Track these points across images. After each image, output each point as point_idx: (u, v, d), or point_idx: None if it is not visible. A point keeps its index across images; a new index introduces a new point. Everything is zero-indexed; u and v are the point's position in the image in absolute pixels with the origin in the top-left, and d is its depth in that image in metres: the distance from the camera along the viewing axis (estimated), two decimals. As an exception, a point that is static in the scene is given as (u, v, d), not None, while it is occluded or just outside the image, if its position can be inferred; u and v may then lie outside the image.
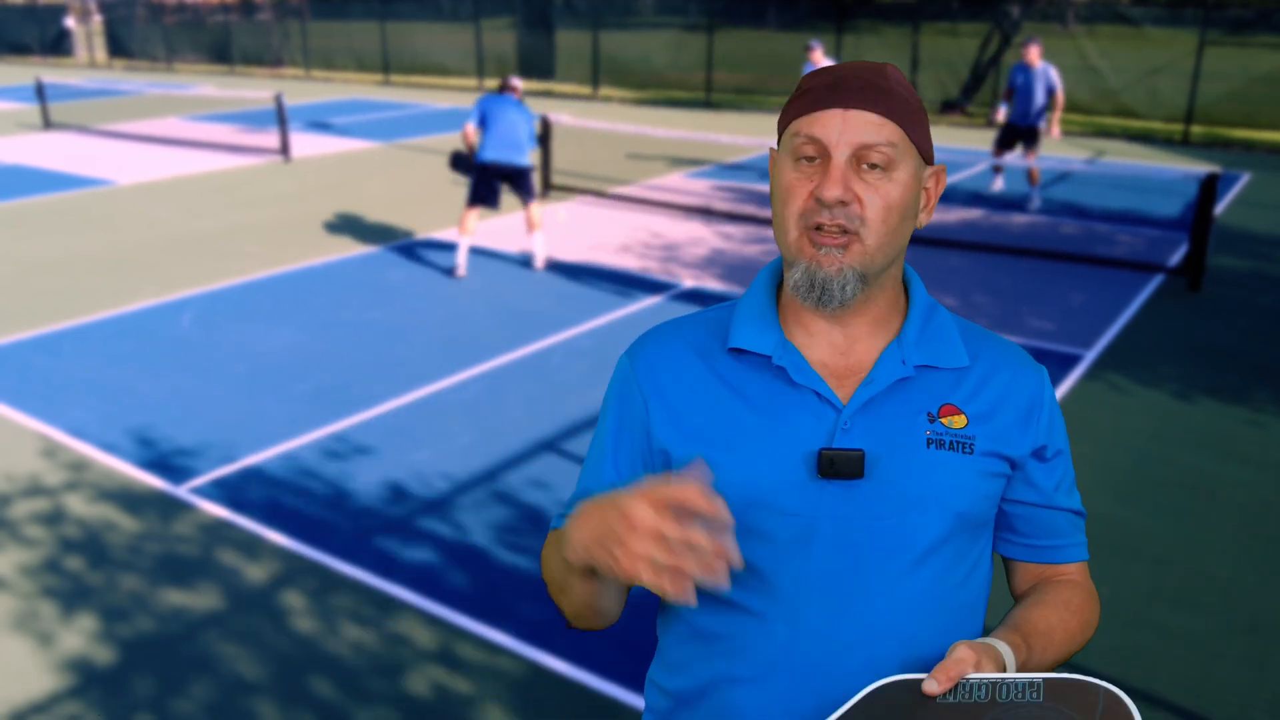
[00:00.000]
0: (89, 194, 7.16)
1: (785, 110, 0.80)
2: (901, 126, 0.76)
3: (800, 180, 0.76)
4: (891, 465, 0.77)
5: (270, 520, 2.70)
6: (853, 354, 0.80)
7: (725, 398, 0.79)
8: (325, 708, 2.00)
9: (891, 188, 0.75)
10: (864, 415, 0.78)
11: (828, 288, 0.76)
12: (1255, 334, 4.22)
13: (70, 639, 2.20)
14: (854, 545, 0.76)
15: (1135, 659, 2.14)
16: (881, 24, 12.67)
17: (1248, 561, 2.51)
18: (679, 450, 0.79)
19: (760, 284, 0.85)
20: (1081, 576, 0.88)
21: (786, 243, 0.78)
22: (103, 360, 3.88)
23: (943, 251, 5.47)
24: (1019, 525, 0.85)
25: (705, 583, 0.64)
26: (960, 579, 0.80)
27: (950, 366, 0.81)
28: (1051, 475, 0.84)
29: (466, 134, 5.03)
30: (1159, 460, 3.07)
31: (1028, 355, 0.86)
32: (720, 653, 0.79)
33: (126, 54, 18.94)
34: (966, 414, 0.79)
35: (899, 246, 0.78)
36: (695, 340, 0.83)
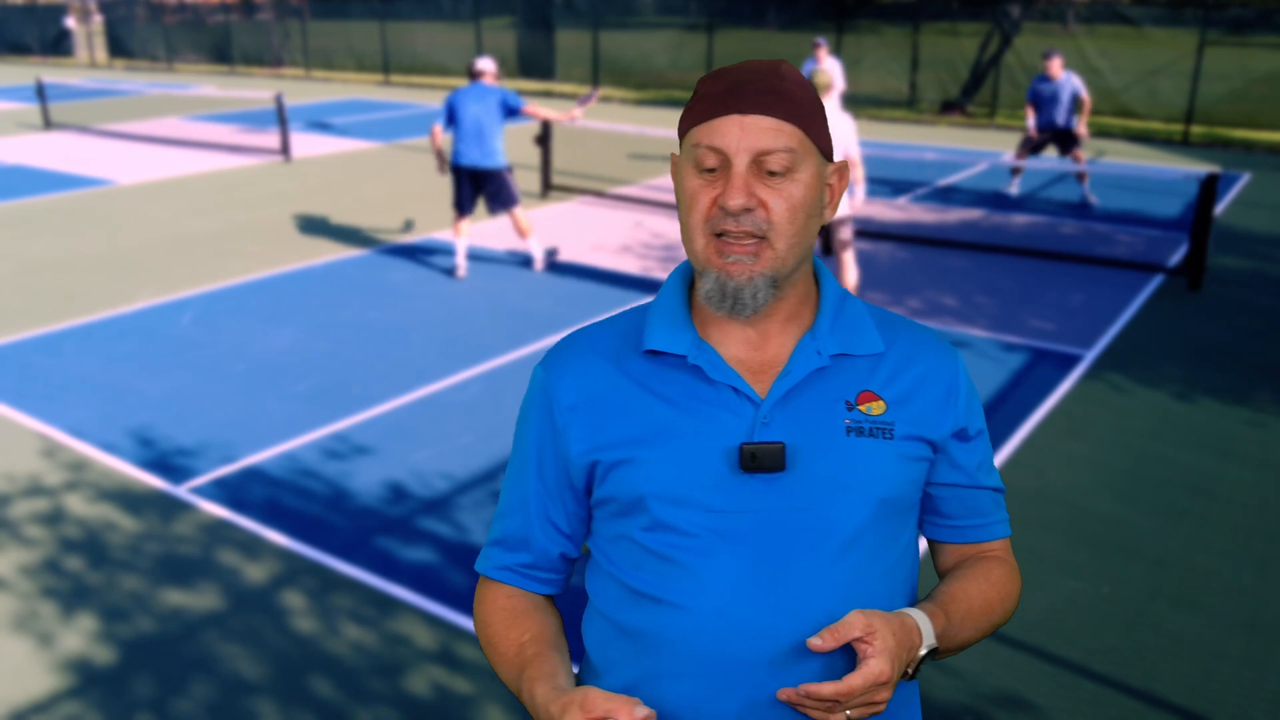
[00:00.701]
0: (89, 194, 7.16)
1: (684, 116, 0.79)
2: (800, 128, 0.76)
3: (703, 188, 0.76)
4: (813, 455, 0.77)
5: (270, 520, 2.70)
6: (767, 349, 0.81)
7: (643, 399, 0.80)
8: (325, 708, 2.00)
9: (795, 189, 0.75)
10: (783, 408, 0.78)
11: (739, 297, 0.76)
12: (1255, 334, 4.22)
13: (70, 639, 2.20)
14: (779, 537, 0.77)
15: (1135, 659, 2.14)
16: (882, 24, 12.68)
17: (1248, 561, 2.51)
18: (603, 456, 0.80)
19: (671, 286, 0.85)
20: (1004, 552, 0.89)
21: (694, 251, 0.78)
22: (103, 360, 3.88)
23: (943, 251, 5.47)
24: (944, 507, 0.86)
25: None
26: (888, 565, 0.80)
27: (865, 353, 0.81)
28: (974, 455, 0.85)
29: (433, 136, 4.82)
30: (1159, 460, 3.07)
31: (941, 338, 0.87)
32: (647, 649, 0.79)
33: (127, 54, 18.94)
34: (884, 399, 0.80)
35: (807, 246, 0.79)
36: (608, 346, 0.83)
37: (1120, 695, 2.03)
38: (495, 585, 0.87)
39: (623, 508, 0.80)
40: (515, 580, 0.87)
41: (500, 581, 0.87)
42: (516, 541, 0.86)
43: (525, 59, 14.55)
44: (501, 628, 0.83)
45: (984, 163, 8.41)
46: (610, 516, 0.82)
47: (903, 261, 5.32)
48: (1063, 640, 2.20)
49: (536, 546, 0.86)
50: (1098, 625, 2.26)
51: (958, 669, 2.10)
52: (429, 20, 15.31)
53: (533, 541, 0.86)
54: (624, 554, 0.81)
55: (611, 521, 0.82)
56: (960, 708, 1.99)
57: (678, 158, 0.81)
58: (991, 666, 2.11)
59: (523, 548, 0.86)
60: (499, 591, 0.86)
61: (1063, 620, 2.27)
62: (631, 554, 0.80)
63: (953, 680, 2.07)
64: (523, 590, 0.86)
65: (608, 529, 0.82)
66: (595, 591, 0.85)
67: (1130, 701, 2.01)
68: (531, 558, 0.86)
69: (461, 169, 4.82)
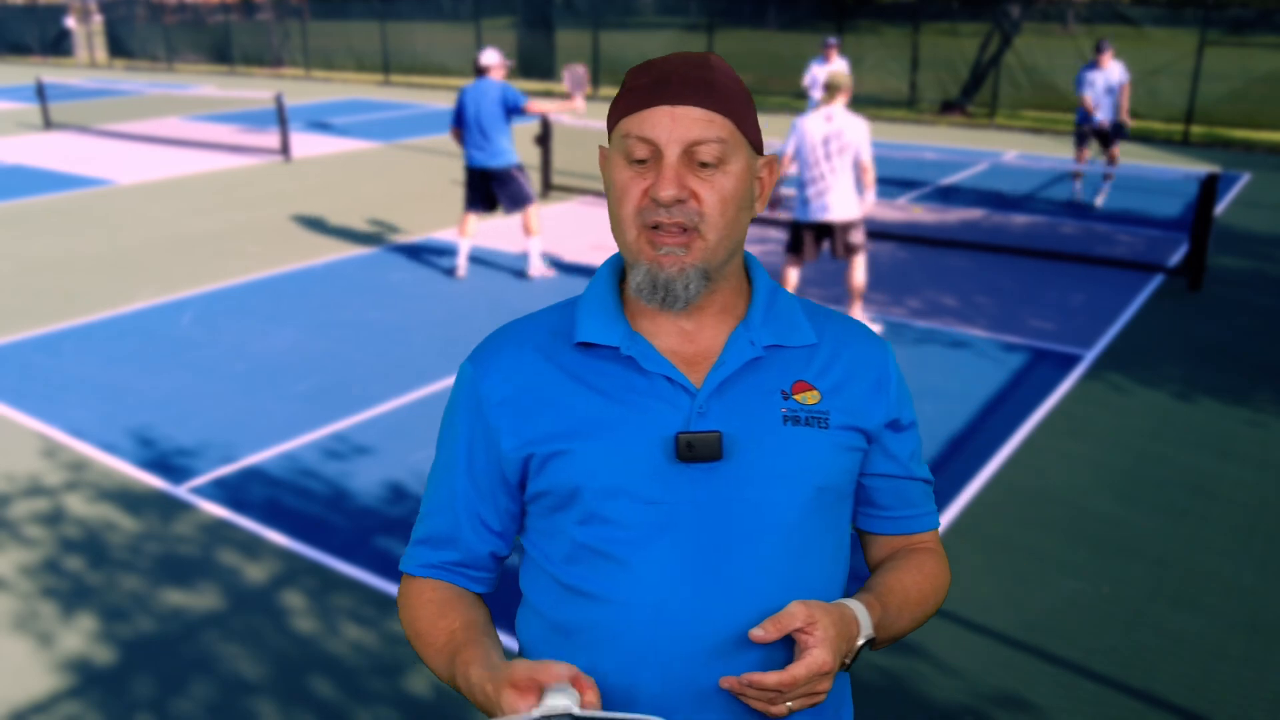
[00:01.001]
0: (89, 194, 7.16)
1: (613, 108, 0.78)
2: (731, 119, 0.75)
3: (634, 179, 0.75)
4: (749, 444, 0.77)
5: (270, 520, 2.70)
6: (701, 340, 0.80)
7: (576, 391, 0.78)
8: (325, 708, 2.00)
9: (726, 181, 0.75)
10: (718, 398, 0.78)
11: (671, 289, 0.76)
12: (1255, 334, 4.22)
13: (70, 639, 2.20)
14: (717, 527, 0.76)
15: (1135, 659, 2.14)
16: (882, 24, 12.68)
17: (1248, 561, 2.51)
18: (536, 449, 0.78)
19: (602, 278, 0.84)
20: (934, 543, 0.89)
21: (626, 243, 0.77)
22: (103, 360, 3.88)
23: (943, 251, 5.47)
24: (878, 498, 0.86)
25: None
26: (826, 555, 0.81)
27: (798, 344, 0.82)
28: (906, 445, 0.85)
29: (454, 138, 4.79)
30: (1159, 460, 3.07)
31: (871, 330, 0.88)
32: (584, 645, 0.78)
33: (127, 54, 18.94)
34: (819, 389, 0.80)
35: (738, 238, 0.78)
36: (538, 340, 0.82)
37: (1120, 695, 2.03)
38: (421, 581, 0.84)
39: (558, 501, 0.78)
40: (443, 576, 0.84)
41: (431, 578, 0.84)
42: (444, 540, 0.84)
43: (525, 59, 14.54)
44: (429, 620, 0.81)
45: (984, 163, 8.41)
46: (545, 511, 0.80)
47: (903, 261, 5.32)
48: (1063, 640, 2.20)
49: (465, 545, 0.84)
50: (1098, 625, 2.26)
51: (957, 669, 2.10)
52: (429, 20, 15.31)
53: (461, 540, 0.84)
54: (559, 549, 0.79)
55: (546, 516, 0.80)
56: (960, 708, 1.99)
57: (606, 150, 0.80)
58: (991, 666, 2.11)
59: (450, 546, 0.84)
60: (425, 585, 0.84)
61: (1063, 620, 2.27)
62: (566, 549, 0.79)
63: (952, 680, 2.07)
64: (450, 584, 0.84)
65: (542, 524, 0.81)
66: (529, 588, 0.83)
67: (1130, 701, 2.01)
68: (460, 555, 0.84)
69: (470, 170, 4.78)
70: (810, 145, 3.89)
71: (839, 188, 3.92)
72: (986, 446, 3.13)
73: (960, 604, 2.31)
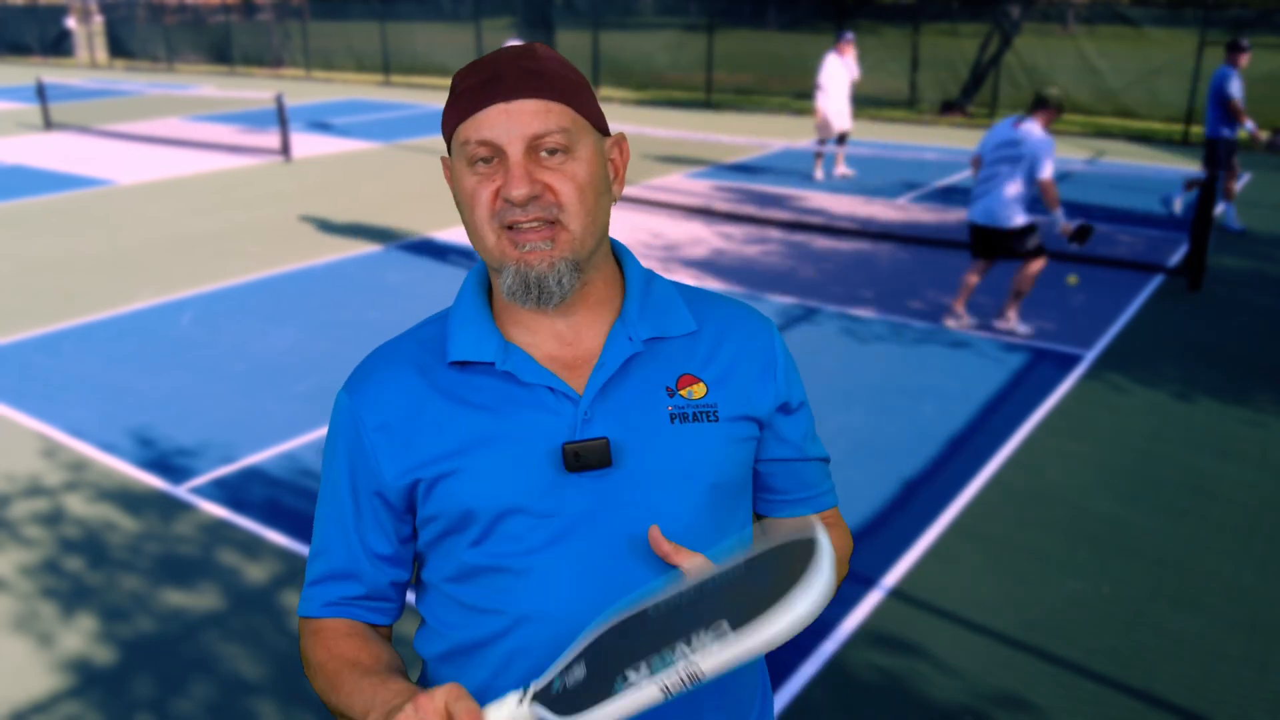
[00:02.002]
0: (90, 194, 7.16)
1: (445, 115, 0.76)
2: (569, 105, 0.73)
3: (481, 183, 0.73)
4: (639, 448, 0.75)
5: (270, 520, 2.70)
6: (580, 343, 0.78)
7: (456, 411, 0.76)
8: (325, 708, 1.99)
9: (578, 167, 0.73)
10: (602, 402, 0.76)
11: (544, 285, 0.73)
12: (1255, 334, 4.22)
13: (70, 639, 2.20)
14: (611, 535, 0.75)
15: (1135, 659, 2.14)
16: (881, 24, 12.68)
17: (1248, 561, 2.51)
18: (422, 474, 0.76)
19: (468, 290, 0.81)
20: (835, 519, 0.89)
21: (487, 248, 0.75)
22: (103, 360, 3.88)
23: (945, 251, 5.47)
24: (775, 483, 0.85)
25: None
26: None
27: (678, 334, 0.79)
28: (798, 427, 0.84)
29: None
30: (1159, 460, 3.07)
31: (755, 311, 0.85)
32: (485, 661, 0.77)
33: (127, 54, 18.94)
34: (705, 381, 0.78)
35: (602, 225, 0.76)
36: (411, 359, 0.79)
37: (1120, 695, 2.02)
38: (326, 622, 0.80)
39: (450, 524, 0.76)
40: (349, 612, 0.81)
41: (332, 618, 0.81)
42: (341, 575, 0.81)
43: (525, 59, 14.50)
44: (354, 649, 0.77)
45: (984, 163, 8.39)
46: (437, 536, 0.78)
47: (903, 262, 5.32)
48: (1063, 640, 2.19)
49: (364, 577, 0.81)
50: (1098, 625, 2.25)
51: (957, 669, 2.10)
52: (429, 20, 15.31)
53: (359, 573, 0.81)
54: (454, 570, 0.77)
55: (440, 539, 0.78)
56: (960, 708, 1.99)
57: (448, 160, 0.77)
58: (991, 667, 2.11)
59: (350, 580, 0.81)
60: (334, 624, 0.80)
61: (1063, 620, 2.27)
62: (464, 569, 0.77)
63: (952, 680, 2.07)
64: (358, 620, 0.81)
65: (437, 549, 0.79)
66: (427, 610, 0.82)
67: (1130, 702, 2.01)
68: (362, 589, 0.81)
69: None
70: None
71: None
72: (986, 446, 3.13)
73: (960, 604, 2.31)
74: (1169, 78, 10.19)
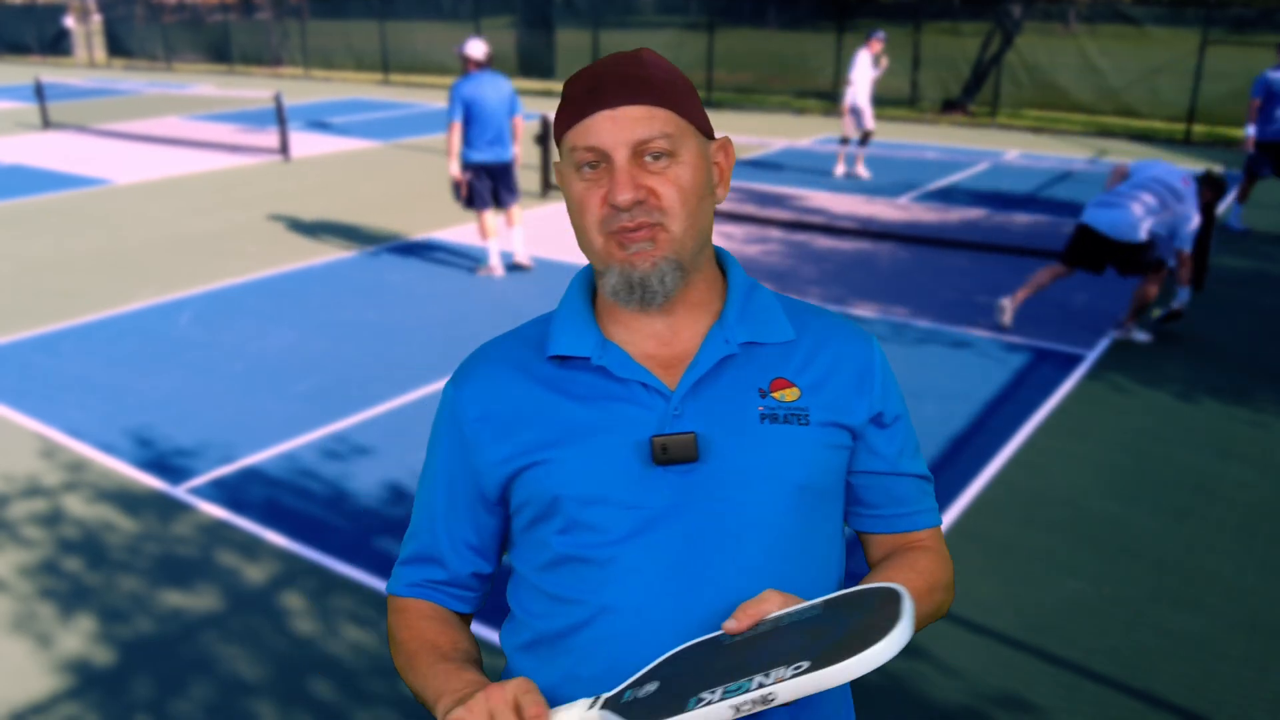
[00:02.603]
0: (88, 194, 7.15)
1: (556, 121, 0.79)
2: (674, 110, 0.75)
3: (589, 189, 0.76)
4: (726, 444, 0.76)
5: (269, 521, 2.69)
6: (677, 342, 0.80)
7: (551, 401, 0.79)
8: (325, 709, 1.99)
9: (681, 171, 0.75)
10: (694, 399, 0.77)
11: (647, 285, 0.76)
12: (1257, 334, 4.21)
13: (69, 640, 2.20)
14: (696, 530, 0.75)
15: (1136, 660, 2.14)
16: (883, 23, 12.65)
17: (1249, 562, 2.50)
18: (515, 463, 0.78)
19: (574, 290, 0.84)
20: (933, 542, 0.87)
21: (594, 251, 0.77)
22: (101, 360, 3.87)
23: (945, 251, 5.46)
24: (867, 496, 0.85)
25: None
26: (812, 556, 0.79)
27: (776, 341, 0.80)
28: (893, 441, 0.83)
29: (454, 134, 4.52)
30: (1160, 460, 3.06)
31: (856, 325, 0.86)
32: (567, 651, 0.78)
33: (125, 53, 18.92)
34: (798, 386, 0.79)
35: (704, 228, 0.78)
36: (513, 356, 0.82)
37: (1121, 696, 2.02)
38: (411, 602, 0.85)
39: (538, 512, 0.78)
40: (431, 595, 0.85)
41: (416, 598, 0.85)
42: (428, 559, 0.85)
43: (525, 58, 14.53)
44: (434, 633, 0.81)
45: (985, 162, 8.40)
46: (526, 524, 0.80)
47: (904, 261, 5.31)
48: (1063, 641, 2.19)
49: (447, 564, 0.84)
50: (1099, 626, 2.25)
51: (958, 670, 2.10)
52: (428, 19, 15.30)
53: (443, 559, 0.84)
54: (542, 560, 0.79)
55: (528, 529, 0.80)
56: (961, 709, 1.98)
57: (560, 165, 0.80)
58: (992, 667, 2.11)
59: (434, 564, 0.85)
60: (418, 604, 0.84)
61: (1064, 621, 2.26)
62: (549, 559, 0.78)
63: (953, 681, 2.06)
64: (440, 605, 0.85)
65: (526, 537, 0.81)
66: (515, 600, 0.84)
67: (1131, 702, 2.00)
68: (445, 574, 0.84)
69: (481, 165, 4.65)
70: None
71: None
72: (988, 447, 3.12)
73: (961, 604, 2.31)
74: (1171, 77, 10.17)
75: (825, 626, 0.64)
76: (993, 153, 8.87)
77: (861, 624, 0.63)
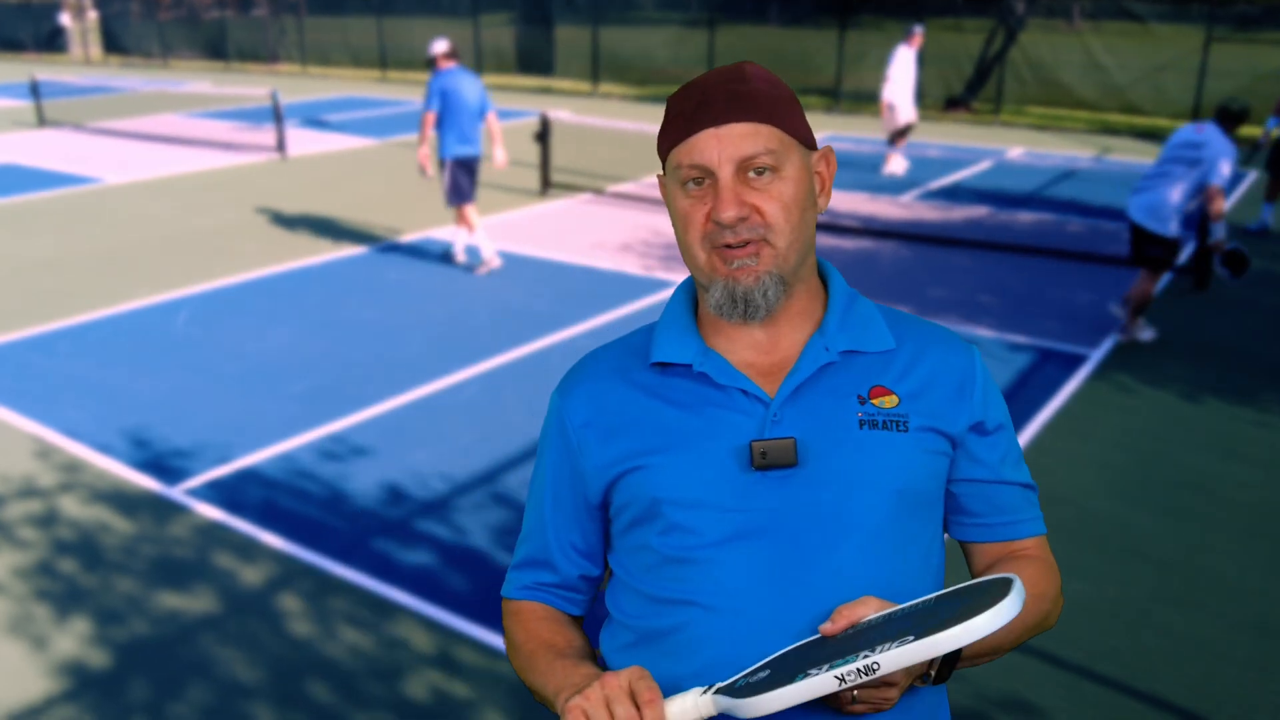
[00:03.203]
0: (84, 192, 7.13)
1: (661, 137, 0.80)
2: (777, 126, 0.77)
3: (694, 205, 0.77)
4: (825, 450, 0.77)
5: (266, 522, 2.67)
6: (777, 351, 0.81)
7: (652, 407, 0.81)
8: (322, 712, 1.97)
9: (784, 186, 0.77)
10: (793, 405, 0.78)
11: (750, 300, 0.77)
12: (1262, 334, 4.19)
13: (65, 642, 2.18)
14: (795, 533, 0.76)
15: (1139, 661, 2.12)
16: (885, 19, 12.61)
17: (1253, 563, 2.49)
18: (618, 467, 0.81)
19: (677, 301, 0.86)
20: (1039, 551, 0.87)
21: (698, 266, 0.79)
22: (97, 360, 3.85)
23: (947, 250, 5.44)
24: (969, 505, 0.85)
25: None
26: (910, 561, 0.79)
27: (876, 350, 0.82)
28: (995, 449, 0.84)
29: (426, 126, 4.66)
30: (1164, 460, 3.04)
31: (956, 335, 0.87)
32: (665, 652, 0.79)
33: (121, 50, 18.87)
34: (898, 393, 0.80)
35: (808, 239, 0.80)
36: (617, 364, 0.85)
37: (1124, 698, 2.01)
38: (524, 604, 0.88)
39: (638, 515, 0.80)
40: (543, 597, 0.88)
41: (529, 600, 0.88)
42: (539, 563, 0.88)
43: (524, 55, 14.48)
44: (549, 632, 0.84)
45: (988, 160, 8.37)
46: (627, 527, 0.82)
47: (906, 260, 5.29)
48: (1066, 642, 2.17)
49: (557, 567, 0.88)
50: (1102, 627, 2.23)
51: (960, 671, 2.08)
52: (426, 16, 15.24)
53: (553, 562, 0.88)
54: (642, 563, 0.81)
55: (629, 532, 0.82)
56: (963, 710, 1.97)
57: (664, 179, 0.82)
58: (994, 669, 2.09)
59: (544, 568, 0.88)
60: (523, 606, 0.88)
61: (1067, 622, 2.25)
62: (649, 561, 0.80)
63: (955, 683, 2.05)
64: (547, 604, 0.88)
65: (626, 540, 0.83)
66: (614, 604, 0.85)
67: (1134, 704, 1.99)
68: (555, 578, 0.88)
69: (461, 161, 4.75)
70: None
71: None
72: (990, 446, 3.11)
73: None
74: (1175, 74, 10.14)
75: (934, 611, 0.66)
76: (996, 150, 8.85)
77: (969, 607, 0.64)
